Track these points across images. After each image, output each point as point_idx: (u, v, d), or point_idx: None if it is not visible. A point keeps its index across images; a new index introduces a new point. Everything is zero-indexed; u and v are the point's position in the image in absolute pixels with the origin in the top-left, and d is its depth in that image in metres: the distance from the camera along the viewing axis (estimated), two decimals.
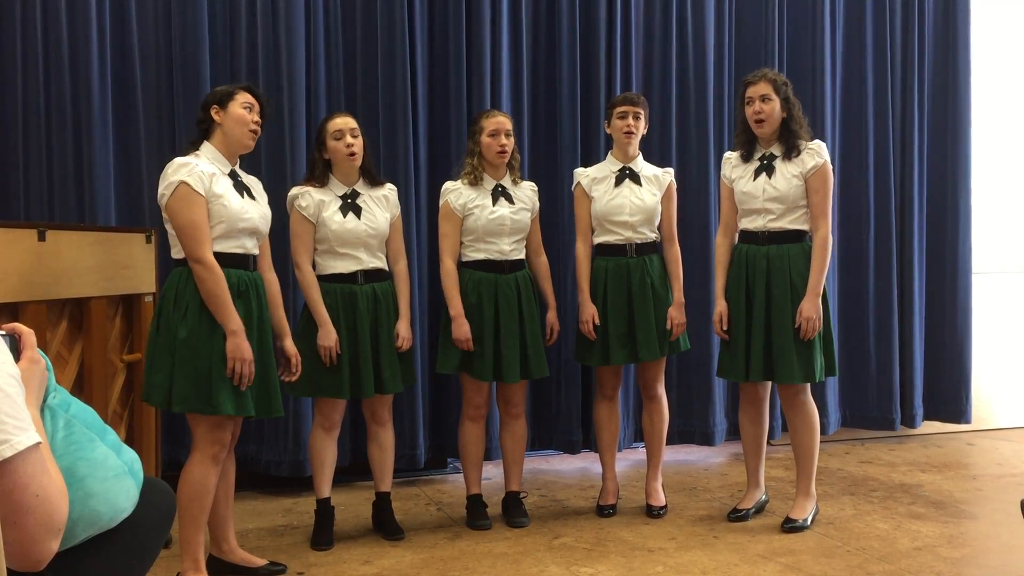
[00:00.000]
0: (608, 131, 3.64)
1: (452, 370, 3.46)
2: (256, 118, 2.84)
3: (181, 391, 2.66)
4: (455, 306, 3.37)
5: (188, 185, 2.66)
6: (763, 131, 3.36)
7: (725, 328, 3.44)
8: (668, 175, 3.62)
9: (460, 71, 4.15)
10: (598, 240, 3.58)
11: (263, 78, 3.90)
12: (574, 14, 4.30)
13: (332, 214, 3.20)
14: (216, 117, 2.80)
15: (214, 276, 2.66)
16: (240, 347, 2.67)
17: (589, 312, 3.53)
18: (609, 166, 3.61)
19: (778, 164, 3.36)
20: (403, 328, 3.30)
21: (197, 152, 2.79)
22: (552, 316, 3.55)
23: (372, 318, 3.24)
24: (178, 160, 2.73)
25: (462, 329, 3.35)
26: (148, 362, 2.75)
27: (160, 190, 2.71)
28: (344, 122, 3.23)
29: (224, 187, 2.75)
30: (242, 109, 2.80)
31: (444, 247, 3.44)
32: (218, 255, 2.72)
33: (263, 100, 2.90)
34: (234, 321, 2.67)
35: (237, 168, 2.88)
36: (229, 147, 2.82)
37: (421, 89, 4.13)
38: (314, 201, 3.21)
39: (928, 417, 4.93)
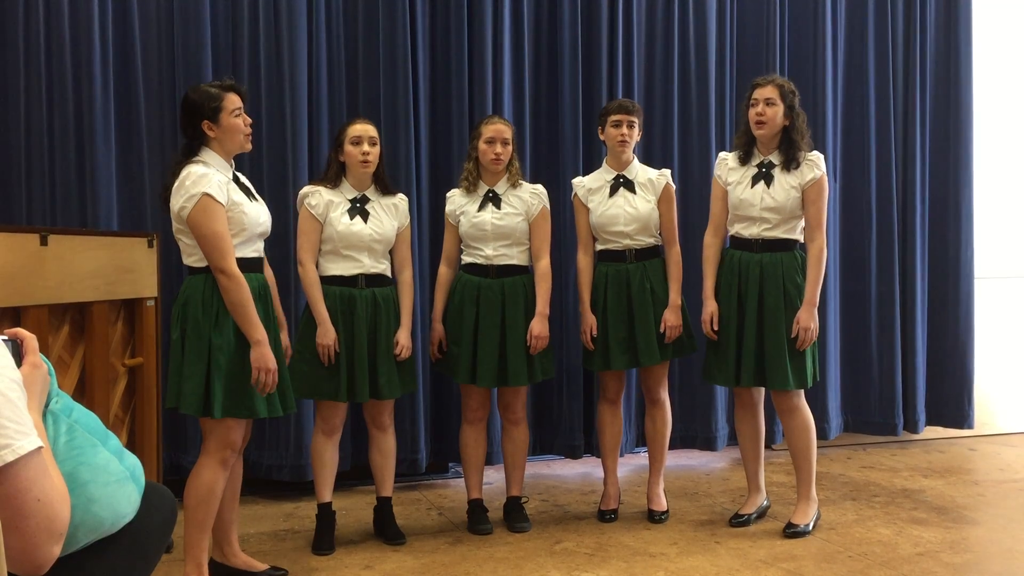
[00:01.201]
0: (602, 138, 3.63)
1: (440, 369, 3.55)
2: (246, 119, 2.81)
3: (219, 397, 2.68)
4: (434, 309, 3.50)
5: (211, 196, 2.64)
6: (761, 133, 3.37)
7: (715, 328, 3.44)
8: (664, 178, 3.60)
9: (462, 76, 4.15)
10: (598, 247, 3.60)
11: (265, 83, 3.91)
12: (575, 19, 4.30)
13: (339, 215, 3.22)
14: (211, 133, 2.76)
15: (239, 287, 2.66)
16: (264, 356, 2.69)
17: (588, 323, 3.53)
18: (604, 175, 3.60)
19: (777, 174, 3.37)
20: (403, 337, 3.30)
21: (206, 161, 2.75)
22: (535, 323, 3.40)
23: (371, 323, 3.24)
24: (195, 170, 2.68)
25: (433, 332, 3.48)
26: (175, 370, 2.73)
27: (180, 202, 2.66)
28: (364, 129, 3.24)
29: (239, 194, 2.77)
30: (234, 118, 2.77)
31: (442, 252, 3.54)
32: (239, 261, 2.72)
33: (243, 90, 2.85)
34: (258, 331, 2.69)
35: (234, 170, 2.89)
36: (228, 153, 2.82)
37: (423, 94, 4.13)
38: (323, 201, 3.23)
39: (930, 422, 4.93)
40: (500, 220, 3.42)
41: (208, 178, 2.66)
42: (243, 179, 2.89)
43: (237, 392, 2.70)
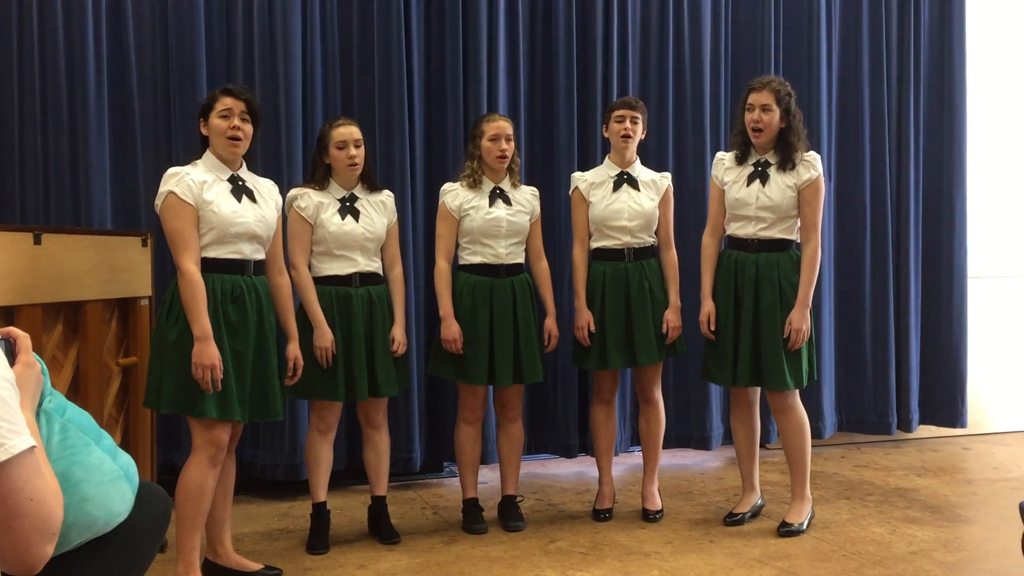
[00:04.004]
0: (605, 135, 3.65)
1: (445, 375, 3.48)
2: (234, 122, 2.80)
3: (169, 392, 2.71)
4: (445, 306, 3.39)
5: (175, 195, 2.71)
6: (759, 140, 3.37)
7: (712, 328, 3.45)
8: (665, 180, 3.63)
9: (456, 74, 4.15)
10: (596, 245, 3.59)
11: (259, 82, 3.90)
12: (571, 18, 4.31)
13: (331, 216, 3.21)
14: (204, 131, 2.85)
15: (189, 285, 2.69)
16: (203, 352, 2.67)
17: (584, 319, 3.53)
18: (607, 170, 3.61)
19: (772, 173, 3.37)
20: (398, 333, 3.30)
21: (196, 162, 2.83)
22: (551, 322, 3.53)
23: (367, 321, 3.24)
24: (171, 170, 2.78)
25: (450, 330, 3.37)
26: (149, 365, 2.81)
27: (156, 200, 2.78)
28: (348, 132, 3.23)
29: (216, 193, 2.76)
30: (219, 118, 2.80)
31: (438, 248, 3.45)
32: (211, 260, 2.76)
33: (245, 96, 2.85)
34: (200, 327, 2.68)
35: (242, 171, 2.88)
36: (223, 156, 2.84)
37: (418, 92, 4.13)
38: (313, 203, 3.22)
39: (924, 421, 4.94)
40: (513, 217, 3.43)
41: (178, 177, 2.73)
42: (250, 183, 2.89)
43: (187, 390, 2.69)
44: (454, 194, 3.45)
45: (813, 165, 3.35)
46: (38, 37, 3.69)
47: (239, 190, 2.83)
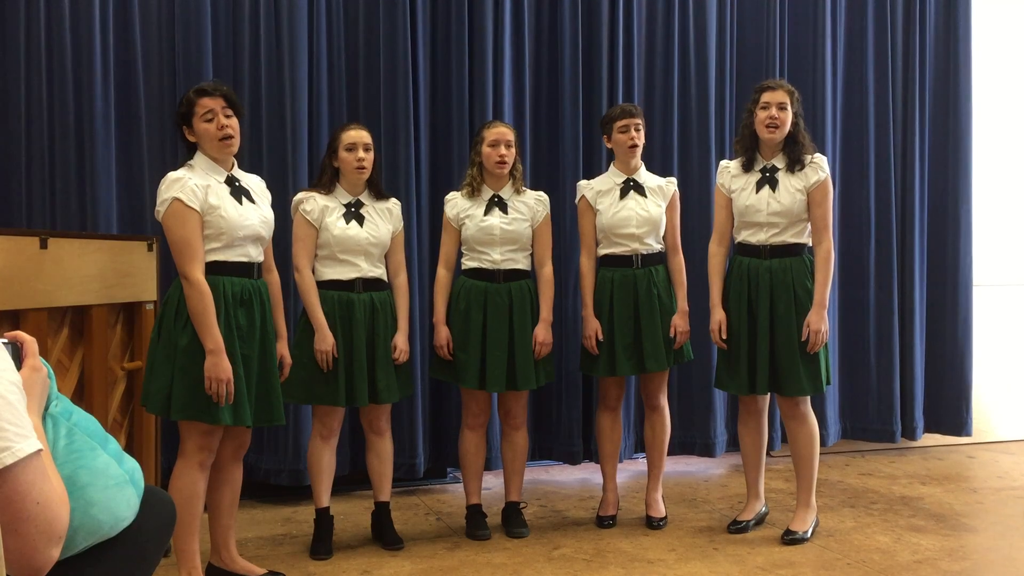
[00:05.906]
0: (609, 145, 3.64)
1: (441, 376, 3.51)
2: (221, 121, 2.76)
3: (180, 399, 2.68)
4: (436, 312, 3.44)
5: (181, 201, 2.67)
6: (773, 137, 3.36)
7: (724, 338, 3.44)
8: (671, 185, 3.63)
9: (462, 81, 4.16)
10: (604, 252, 3.58)
11: (265, 86, 3.91)
12: (576, 25, 4.31)
13: (335, 220, 3.22)
14: (191, 138, 2.81)
15: (199, 294, 2.65)
16: (216, 365, 2.65)
17: (593, 327, 3.53)
18: (613, 178, 3.61)
19: (781, 177, 3.37)
20: (400, 341, 3.31)
21: (191, 164, 2.79)
22: (540, 329, 3.45)
23: (369, 327, 3.24)
24: (171, 175, 2.72)
25: (440, 335, 3.41)
26: (148, 369, 2.76)
27: (156, 206, 2.73)
28: (359, 135, 3.24)
29: (220, 197, 2.75)
30: (205, 122, 2.76)
31: (440, 255, 3.50)
32: (221, 264, 2.74)
33: (222, 92, 2.79)
34: (212, 340, 2.65)
35: (235, 171, 2.87)
36: (215, 157, 2.81)
37: (423, 99, 4.14)
38: (318, 206, 3.23)
39: (928, 429, 4.93)
40: (508, 225, 3.42)
41: (181, 182, 2.69)
42: (245, 182, 2.88)
43: (199, 396, 2.67)
44: (453, 203, 3.48)
45: (821, 167, 3.35)
46: (45, 42, 3.70)
47: (237, 192, 2.82)
